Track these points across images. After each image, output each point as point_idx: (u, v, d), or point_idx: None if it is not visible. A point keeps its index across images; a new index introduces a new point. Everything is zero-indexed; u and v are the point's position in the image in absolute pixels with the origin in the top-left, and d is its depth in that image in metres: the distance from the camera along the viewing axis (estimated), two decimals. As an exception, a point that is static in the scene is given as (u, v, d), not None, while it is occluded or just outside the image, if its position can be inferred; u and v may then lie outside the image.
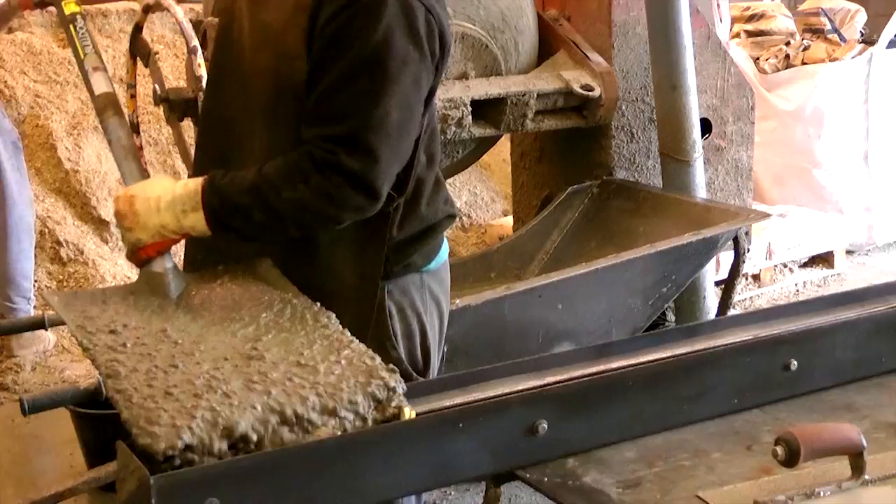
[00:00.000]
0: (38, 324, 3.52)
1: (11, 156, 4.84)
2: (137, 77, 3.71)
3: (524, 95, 3.87)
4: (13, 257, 4.88)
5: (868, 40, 6.50)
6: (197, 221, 2.06)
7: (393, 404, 1.75)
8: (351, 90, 1.99)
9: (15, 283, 4.89)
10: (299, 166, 2.00)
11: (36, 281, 5.50)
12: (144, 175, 2.29)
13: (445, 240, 2.36)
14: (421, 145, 2.15)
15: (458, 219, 6.21)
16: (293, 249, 2.16)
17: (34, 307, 5.00)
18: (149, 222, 2.07)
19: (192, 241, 2.30)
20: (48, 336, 5.04)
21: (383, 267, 2.19)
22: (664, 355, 2.03)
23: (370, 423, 1.73)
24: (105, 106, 2.37)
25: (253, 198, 2.02)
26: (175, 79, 6.07)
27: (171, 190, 2.07)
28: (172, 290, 2.09)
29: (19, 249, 4.90)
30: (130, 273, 5.64)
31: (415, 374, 2.23)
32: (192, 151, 3.41)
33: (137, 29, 3.53)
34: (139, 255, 2.11)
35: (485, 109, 3.86)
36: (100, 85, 2.42)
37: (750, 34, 6.94)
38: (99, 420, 3.69)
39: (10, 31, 6.26)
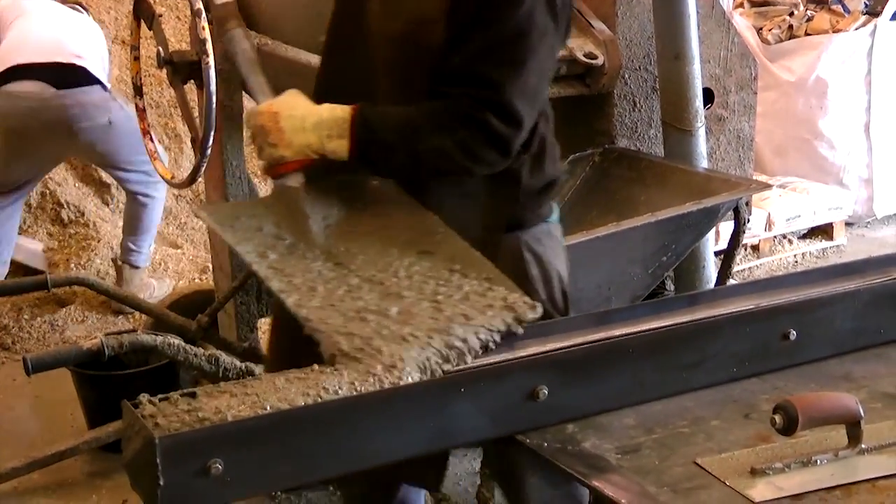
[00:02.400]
0: (41, 285, 3.55)
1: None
2: (141, 39, 3.71)
3: (527, 62, 3.86)
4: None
5: (872, 12, 6.47)
6: (340, 148, 2.15)
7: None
8: (498, 58, 2.14)
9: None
10: (446, 117, 2.15)
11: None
12: (273, 91, 2.35)
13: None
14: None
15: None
16: (421, 203, 2.27)
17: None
18: (294, 140, 2.16)
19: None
20: (153, 283, 5.19)
21: (519, 216, 2.34)
22: (664, 323, 2.03)
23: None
24: (227, 16, 2.37)
25: (400, 138, 2.15)
26: (178, 41, 6.05)
27: (316, 112, 2.17)
28: (307, 205, 2.18)
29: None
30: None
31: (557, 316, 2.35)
32: (195, 114, 3.42)
33: (142, -9, 3.52)
34: (278, 170, 2.20)
35: (488, 76, 3.86)
36: None
37: (754, 4, 6.92)
38: (100, 380, 3.71)
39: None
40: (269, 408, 1.64)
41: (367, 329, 1.86)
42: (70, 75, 4.72)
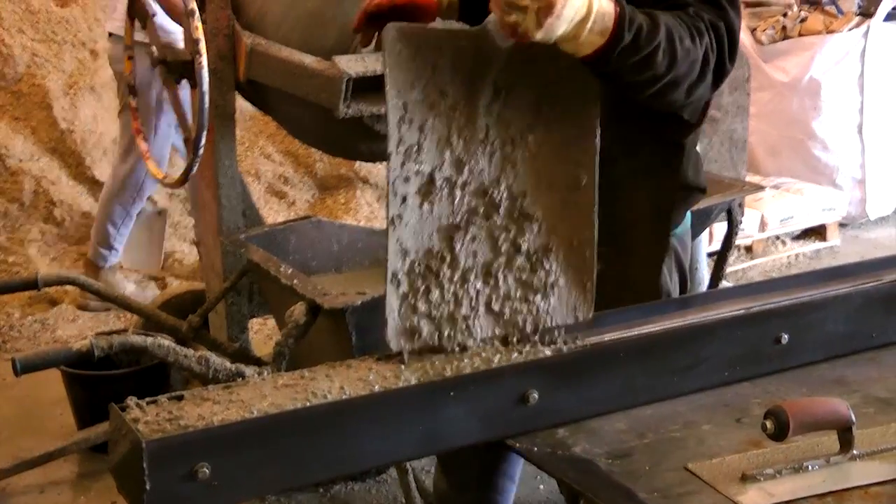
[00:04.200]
0: (31, 284, 3.54)
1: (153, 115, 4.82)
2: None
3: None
4: (110, 207, 4.99)
5: (865, 13, 6.48)
6: (591, 44, 1.83)
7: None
8: None
9: (103, 231, 5.02)
10: (696, 25, 1.94)
11: (30, 241, 5.50)
12: None
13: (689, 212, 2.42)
14: None
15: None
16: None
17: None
18: (558, 32, 1.79)
19: None
20: (126, 285, 5.10)
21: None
22: (656, 327, 2.03)
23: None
24: None
25: (663, 39, 1.87)
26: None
27: (587, 4, 1.80)
28: (496, 72, 1.90)
29: (117, 201, 4.99)
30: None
31: None
32: (189, 114, 3.41)
33: (135, -10, 3.51)
34: (514, 38, 1.81)
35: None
36: None
37: (747, 4, 6.91)
38: (90, 381, 3.70)
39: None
40: (256, 412, 1.63)
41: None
42: None
